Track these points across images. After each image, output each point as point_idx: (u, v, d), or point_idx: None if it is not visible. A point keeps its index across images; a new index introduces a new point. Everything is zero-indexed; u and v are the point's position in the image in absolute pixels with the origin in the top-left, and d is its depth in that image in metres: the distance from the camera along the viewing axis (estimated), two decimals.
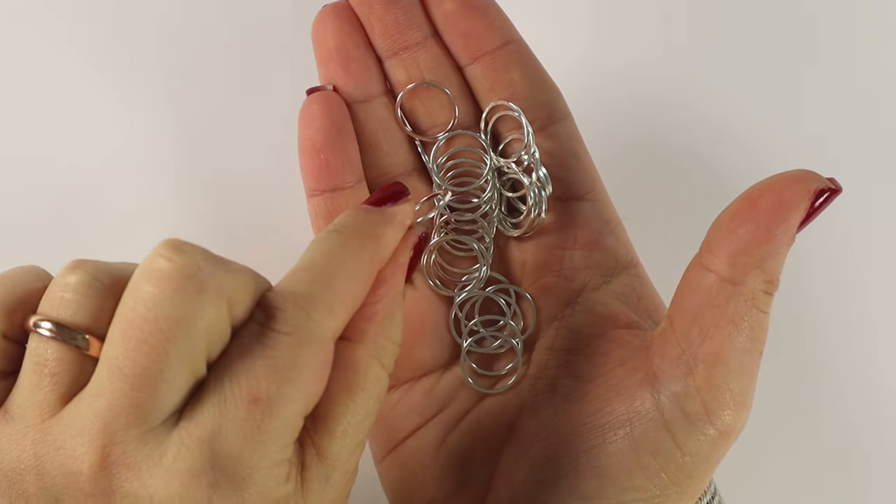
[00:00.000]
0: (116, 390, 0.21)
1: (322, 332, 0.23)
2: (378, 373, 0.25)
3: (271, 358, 0.22)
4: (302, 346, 0.22)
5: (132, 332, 0.21)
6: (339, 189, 0.31)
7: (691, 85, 0.43)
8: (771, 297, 0.27)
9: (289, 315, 0.23)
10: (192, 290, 0.21)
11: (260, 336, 0.22)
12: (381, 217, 0.27)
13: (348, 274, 0.24)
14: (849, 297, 0.42)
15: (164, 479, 0.21)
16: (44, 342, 0.22)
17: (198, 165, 0.40)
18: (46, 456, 0.22)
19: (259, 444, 0.22)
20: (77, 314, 0.22)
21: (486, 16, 0.31)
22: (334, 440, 0.24)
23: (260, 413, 0.22)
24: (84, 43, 0.41)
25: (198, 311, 0.21)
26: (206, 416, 0.22)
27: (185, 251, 0.22)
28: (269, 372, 0.22)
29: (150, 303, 0.21)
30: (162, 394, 0.21)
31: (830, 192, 0.26)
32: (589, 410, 0.29)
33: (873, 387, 0.41)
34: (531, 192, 0.31)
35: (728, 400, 0.27)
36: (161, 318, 0.21)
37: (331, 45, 0.31)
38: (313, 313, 0.23)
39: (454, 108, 0.32)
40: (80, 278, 0.23)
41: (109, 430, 0.21)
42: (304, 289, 0.23)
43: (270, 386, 0.22)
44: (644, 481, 0.27)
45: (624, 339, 0.30)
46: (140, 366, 0.21)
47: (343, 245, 0.25)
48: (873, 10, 0.44)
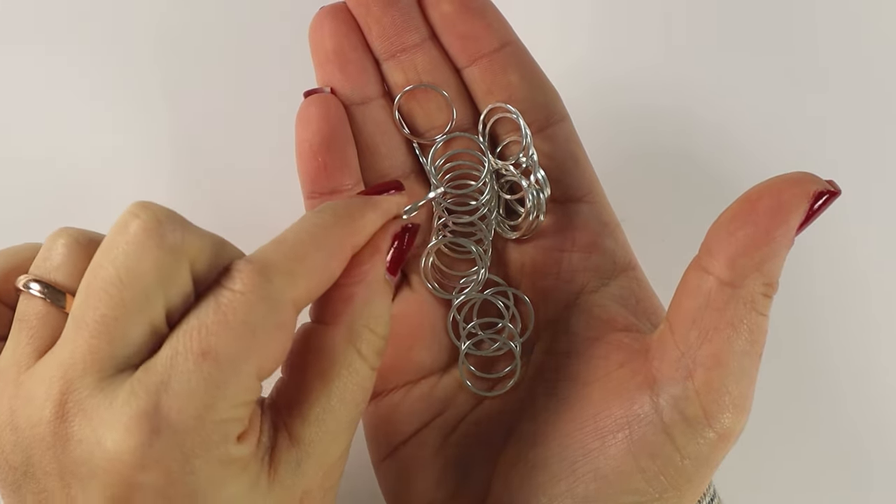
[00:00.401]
0: (77, 338, 0.22)
1: (279, 294, 0.23)
2: (354, 360, 0.25)
3: (223, 314, 0.22)
4: (254, 305, 0.23)
5: (94, 281, 0.22)
6: (336, 191, 0.31)
7: (690, 88, 0.43)
8: (770, 300, 0.26)
9: (245, 276, 0.23)
10: (152, 243, 0.22)
11: (215, 294, 0.23)
12: (362, 201, 0.27)
13: (316, 245, 0.25)
14: (848, 298, 0.42)
15: (111, 424, 0.21)
16: (26, 299, 0.24)
17: (196, 168, 0.40)
18: (18, 409, 0.23)
19: (207, 396, 0.22)
20: (58, 272, 0.24)
21: (483, 18, 0.31)
22: (307, 424, 0.24)
23: (208, 366, 0.22)
24: (82, 44, 0.41)
25: (156, 264, 0.22)
26: (156, 367, 0.22)
27: (150, 208, 0.23)
28: (219, 328, 0.22)
29: (111, 255, 0.22)
30: (117, 341, 0.22)
31: (829, 195, 0.26)
32: (587, 413, 0.29)
33: (873, 388, 0.41)
34: (529, 195, 0.31)
35: (727, 403, 0.27)
36: (121, 268, 0.22)
37: (328, 47, 0.31)
38: (272, 276, 0.23)
39: (452, 110, 0.32)
40: (63, 240, 0.25)
41: (67, 378, 0.22)
42: (268, 255, 0.24)
43: (220, 341, 0.22)
44: (643, 484, 0.27)
45: (622, 341, 0.30)
46: (98, 313, 0.22)
47: (316, 221, 0.25)
48: (872, 15, 0.44)
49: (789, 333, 0.41)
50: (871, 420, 0.41)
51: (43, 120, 0.41)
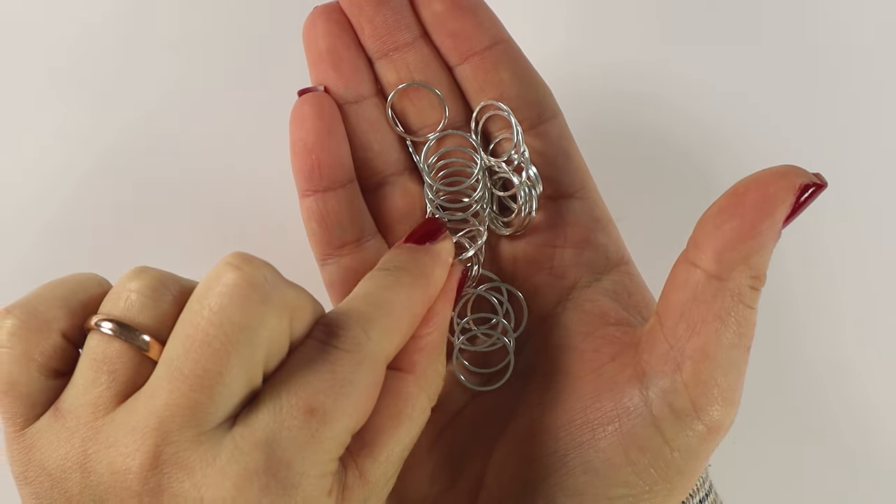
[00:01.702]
0: (175, 390, 0.22)
1: (378, 353, 0.24)
2: (424, 404, 0.27)
3: (330, 372, 0.23)
4: (359, 365, 0.24)
5: (196, 333, 0.22)
6: (330, 189, 0.31)
7: (685, 84, 0.43)
8: (758, 293, 0.27)
9: (350, 333, 0.24)
10: (258, 299, 0.22)
11: (320, 351, 0.23)
12: (428, 256, 0.28)
13: (403, 304, 0.26)
14: (840, 290, 0.42)
15: (217, 480, 0.22)
16: (104, 340, 0.23)
17: (190, 166, 0.40)
18: (96, 454, 0.22)
19: (311, 453, 0.22)
20: (140, 314, 0.23)
21: (474, 16, 0.31)
22: (377, 465, 0.25)
23: (315, 423, 0.22)
24: (81, 43, 0.41)
25: (262, 320, 0.22)
26: (261, 422, 0.22)
27: (253, 262, 0.23)
28: (326, 385, 0.23)
29: (216, 307, 0.22)
30: (219, 397, 0.22)
31: (816, 187, 0.26)
32: (578, 407, 0.29)
33: (867, 381, 0.41)
34: (521, 191, 0.32)
35: (716, 395, 0.27)
36: (226, 323, 0.22)
37: (321, 46, 0.31)
38: (372, 333, 0.24)
39: (444, 108, 0.32)
40: (146, 282, 0.24)
41: (164, 430, 0.22)
42: (363, 311, 0.25)
43: (327, 399, 0.23)
44: (633, 477, 0.27)
45: (614, 335, 0.30)
46: (200, 367, 0.22)
47: (396, 280, 0.26)
48: (864, 6, 0.44)
49: (781, 327, 0.41)
50: (866, 413, 0.41)
51: (41, 120, 0.41)
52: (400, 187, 0.33)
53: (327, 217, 0.31)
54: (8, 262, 0.39)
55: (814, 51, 0.44)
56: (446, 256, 0.29)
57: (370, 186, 0.33)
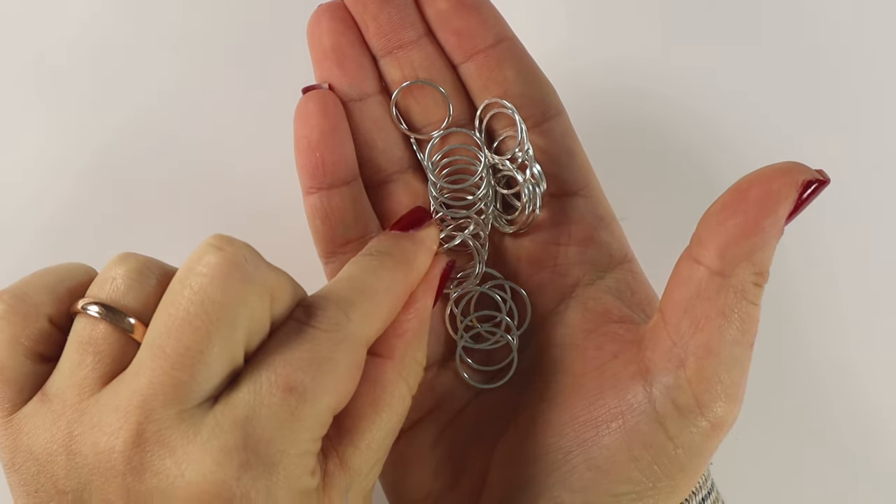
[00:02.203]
0: (157, 368, 0.22)
1: (357, 334, 0.24)
2: (403, 391, 0.27)
3: (309, 351, 0.23)
4: (338, 344, 0.24)
5: (177, 312, 0.22)
6: (334, 186, 0.31)
7: (684, 80, 0.43)
8: (761, 289, 0.27)
9: (329, 314, 0.24)
10: (239, 278, 0.23)
11: (299, 331, 0.24)
12: (412, 242, 0.28)
13: (384, 288, 0.26)
14: (843, 288, 0.42)
15: (197, 457, 0.22)
16: (90, 323, 0.23)
17: (194, 163, 0.40)
18: (81, 435, 0.23)
19: (290, 430, 0.22)
20: (125, 297, 0.24)
21: (479, 14, 0.32)
22: (358, 452, 0.25)
23: (294, 401, 0.22)
24: (80, 42, 0.41)
25: (243, 299, 0.23)
26: (241, 400, 0.22)
27: (234, 243, 0.23)
28: (305, 364, 0.23)
29: (197, 287, 0.22)
30: (200, 375, 0.22)
31: (818, 184, 0.26)
32: (582, 404, 0.29)
33: (870, 380, 0.41)
34: (525, 189, 0.32)
35: (719, 392, 0.27)
36: (207, 302, 0.22)
37: (326, 44, 0.31)
38: (351, 315, 0.24)
39: (448, 106, 0.32)
40: (131, 266, 0.24)
41: (146, 408, 0.22)
42: (344, 294, 0.25)
43: (306, 377, 0.23)
44: (636, 474, 0.27)
45: (617, 333, 0.30)
46: (182, 345, 0.22)
47: (379, 264, 0.27)
48: (865, 4, 0.44)
49: (786, 323, 0.41)
50: (869, 411, 0.41)
51: (38, 119, 0.41)
52: (404, 185, 0.33)
53: (331, 214, 0.31)
54: (6, 260, 0.39)
55: (816, 48, 0.44)
56: (430, 244, 0.29)
57: (374, 184, 0.33)
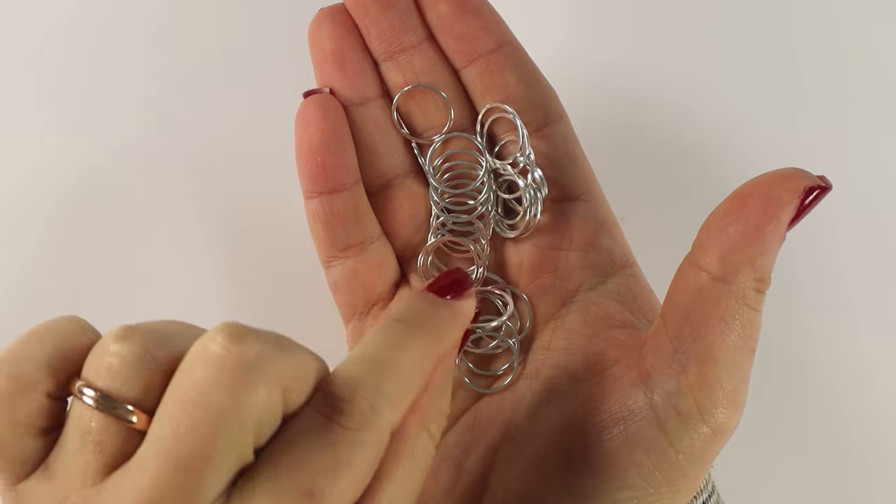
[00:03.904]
0: (162, 471, 0.21)
1: (384, 426, 0.23)
2: (426, 443, 0.25)
3: (332, 454, 0.22)
4: (365, 444, 0.22)
5: (182, 416, 0.21)
6: (336, 191, 0.31)
7: (686, 85, 0.43)
8: (763, 296, 0.27)
9: (356, 409, 0.22)
10: (247, 379, 0.21)
11: (323, 428, 0.22)
12: (450, 314, 0.25)
13: (414, 367, 0.24)
14: (844, 293, 0.42)
15: None
16: (88, 410, 0.22)
17: (194, 168, 0.40)
18: None
19: None
20: (125, 386, 0.22)
21: (480, 18, 0.32)
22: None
23: None
24: (82, 43, 0.41)
25: (250, 401, 0.21)
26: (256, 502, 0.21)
27: (241, 340, 0.21)
28: (327, 467, 0.22)
29: (203, 388, 0.21)
30: (208, 479, 0.21)
31: (820, 190, 0.26)
32: (583, 409, 0.29)
33: (870, 383, 0.41)
34: (527, 194, 0.32)
35: (721, 398, 0.27)
36: (213, 405, 0.21)
37: (327, 48, 0.31)
38: (379, 408, 0.22)
39: (450, 110, 0.32)
40: (131, 349, 0.22)
41: None
42: (372, 381, 0.23)
43: (327, 481, 0.21)
44: (638, 479, 0.27)
45: (618, 338, 0.30)
46: (188, 449, 0.21)
47: (411, 337, 0.24)
48: (863, 7, 0.44)
49: (785, 329, 0.41)
50: (869, 415, 0.41)
51: (38, 119, 0.41)
52: (405, 189, 0.33)
53: (332, 219, 0.31)
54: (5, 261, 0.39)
55: (819, 53, 0.44)
56: (466, 317, 0.26)
57: (375, 188, 0.33)
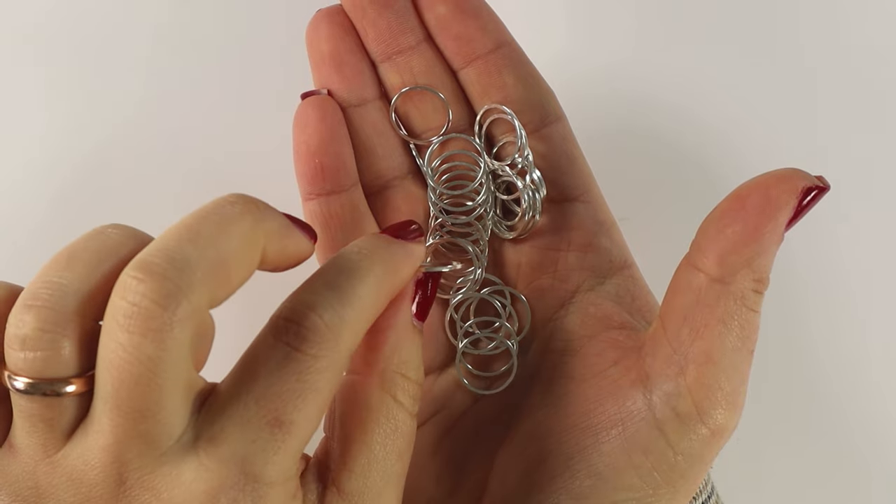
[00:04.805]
0: (117, 426, 0.21)
1: (344, 350, 0.23)
2: (391, 407, 0.25)
3: (298, 381, 0.22)
4: (328, 371, 0.23)
5: (121, 375, 0.21)
6: (334, 192, 0.31)
7: (683, 85, 0.43)
8: (761, 296, 0.27)
9: (317, 336, 0.23)
10: (167, 321, 0.21)
11: (287, 358, 0.22)
12: (403, 251, 0.26)
13: (371, 298, 0.24)
14: (843, 292, 0.42)
15: (185, 499, 0.21)
16: (24, 397, 0.22)
17: (193, 169, 0.40)
18: (59, 486, 0.22)
19: (278, 464, 0.22)
20: (47, 367, 0.21)
21: (478, 19, 0.31)
22: (354, 476, 0.24)
23: (282, 434, 0.22)
24: (80, 43, 0.41)
25: (178, 337, 0.21)
26: (227, 436, 0.22)
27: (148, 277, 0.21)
28: (294, 395, 0.22)
29: (129, 346, 0.21)
30: (166, 420, 0.21)
31: (818, 190, 0.26)
32: (582, 411, 0.29)
33: (870, 383, 0.41)
34: (525, 195, 0.32)
35: (719, 399, 0.27)
36: (144, 358, 0.21)
37: (325, 49, 0.31)
38: (338, 332, 0.23)
39: (448, 111, 0.32)
40: (34, 326, 0.21)
41: (123, 460, 0.21)
42: (331, 307, 0.23)
43: (295, 410, 0.22)
44: (637, 480, 0.27)
45: (617, 339, 0.30)
46: (136, 402, 0.21)
47: (368, 268, 0.24)
48: (862, 9, 0.44)
49: (785, 330, 0.41)
50: (867, 415, 0.41)
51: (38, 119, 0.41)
52: (403, 191, 0.33)
53: (330, 221, 0.31)
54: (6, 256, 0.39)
55: (817, 54, 0.44)
56: (417, 257, 0.27)
57: (373, 190, 0.33)
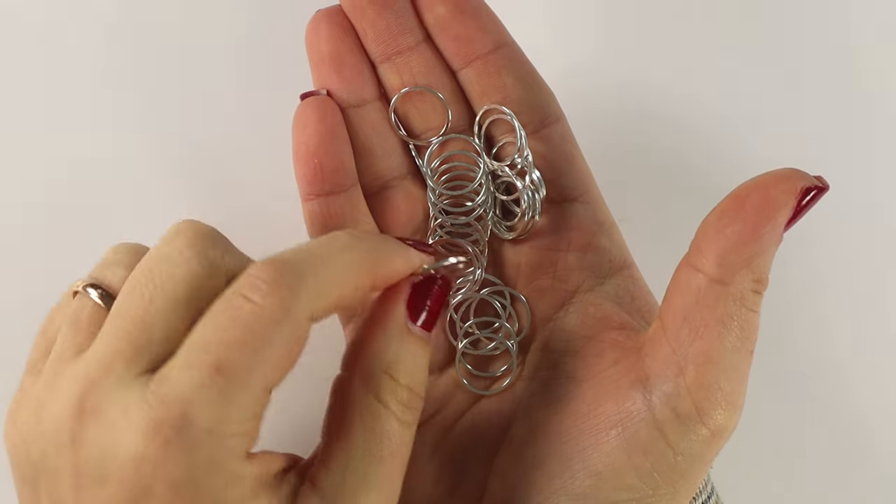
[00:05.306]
0: (106, 338, 0.23)
1: (301, 312, 0.23)
2: (375, 409, 0.25)
3: (244, 330, 0.22)
4: (280, 325, 0.22)
5: (130, 285, 0.24)
6: (333, 193, 0.31)
7: (682, 84, 0.43)
8: (760, 297, 0.26)
9: (273, 289, 0.23)
10: (191, 254, 0.24)
11: (237, 308, 0.22)
12: (398, 246, 0.26)
13: (344, 267, 0.24)
14: (842, 292, 0.42)
15: (123, 431, 0.22)
16: (79, 300, 0.25)
17: (191, 170, 0.40)
18: (46, 402, 0.23)
19: (216, 410, 0.22)
20: (110, 277, 0.25)
21: (477, 19, 0.32)
22: (330, 473, 0.24)
23: (223, 381, 0.22)
24: (80, 45, 0.41)
25: (190, 273, 0.23)
26: (171, 376, 0.22)
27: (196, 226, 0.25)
28: (238, 343, 0.22)
29: (150, 261, 0.24)
30: (140, 344, 0.22)
31: (817, 191, 0.26)
32: (582, 411, 0.29)
33: (869, 383, 0.41)
34: (525, 195, 0.32)
35: (719, 399, 0.27)
36: (155, 274, 0.23)
37: (324, 50, 0.31)
38: (297, 296, 0.23)
39: (447, 112, 0.32)
40: (119, 249, 0.26)
41: (89, 378, 0.22)
42: (294, 264, 0.23)
43: (236, 356, 0.22)
44: (637, 481, 0.27)
45: (617, 339, 0.30)
46: (129, 315, 0.23)
47: (349, 241, 0.25)
48: (864, 15, 0.44)
49: (782, 329, 0.41)
50: (867, 415, 0.41)
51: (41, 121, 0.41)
52: (403, 191, 0.33)
53: (330, 221, 0.31)
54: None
55: (815, 54, 0.44)
56: (415, 258, 0.27)
57: (373, 190, 0.33)
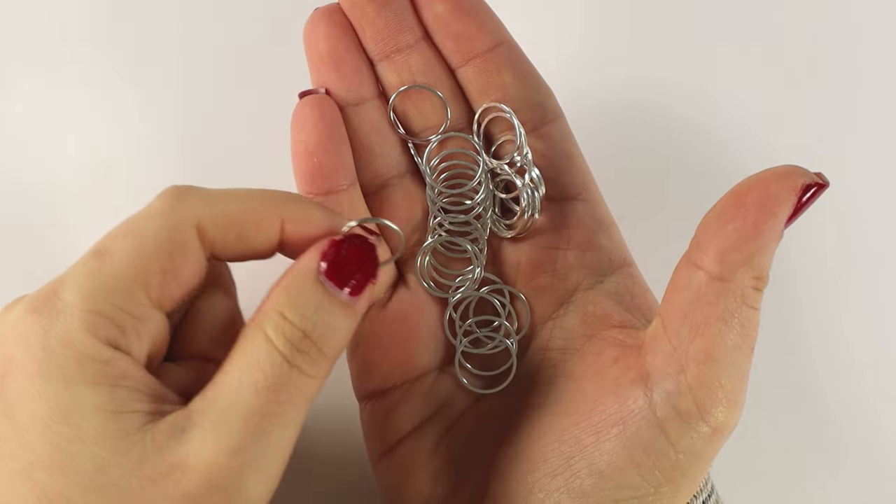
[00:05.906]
0: None
1: (183, 214, 0.25)
2: (257, 341, 0.24)
3: (127, 223, 0.25)
4: (154, 217, 0.25)
5: None
6: (332, 192, 0.31)
7: (682, 83, 0.43)
8: (761, 294, 0.26)
9: (160, 195, 0.25)
10: None
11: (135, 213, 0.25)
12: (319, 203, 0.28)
13: (246, 192, 0.26)
14: (843, 290, 0.42)
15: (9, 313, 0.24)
16: None
17: (190, 169, 0.40)
18: None
19: (81, 285, 0.23)
20: None
21: (476, 17, 0.31)
22: (203, 398, 0.24)
23: (97, 263, 0.24)
24: (80, 45, 0.41)
25: None
26: (65, 273, 0.24)
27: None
28: (120, 233, 0.25)
29: None
30: None
31: (818, 187, 0.25)
32: (582, 409, 0.29)
33: (870, 381, 0.41)
34: (524, 194, 0.32)
35: (720, 397, 0.27)
36: None
37: (322, 48, 0.31)
38: (186, 197, 0.25)
39: (446, 110, 0.32)
40: None
41: None
42: (190, 188, 0.26)
43: (114, 242, 0.24)
44: (638, 479, 0.27)
45: (617, 338, 0.30)
46: None
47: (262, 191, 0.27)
48: (861, 10, 0.44)
49: (784, 327, 0.41)
50: (867, 413, 0.41)
51: (41, 121, 0.41)
52: (402, 190, 0.33)
53: None
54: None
55: (815, 51, 0.44)
56: (335, 216, 0.27)
57: (372, 189, 0.33)
